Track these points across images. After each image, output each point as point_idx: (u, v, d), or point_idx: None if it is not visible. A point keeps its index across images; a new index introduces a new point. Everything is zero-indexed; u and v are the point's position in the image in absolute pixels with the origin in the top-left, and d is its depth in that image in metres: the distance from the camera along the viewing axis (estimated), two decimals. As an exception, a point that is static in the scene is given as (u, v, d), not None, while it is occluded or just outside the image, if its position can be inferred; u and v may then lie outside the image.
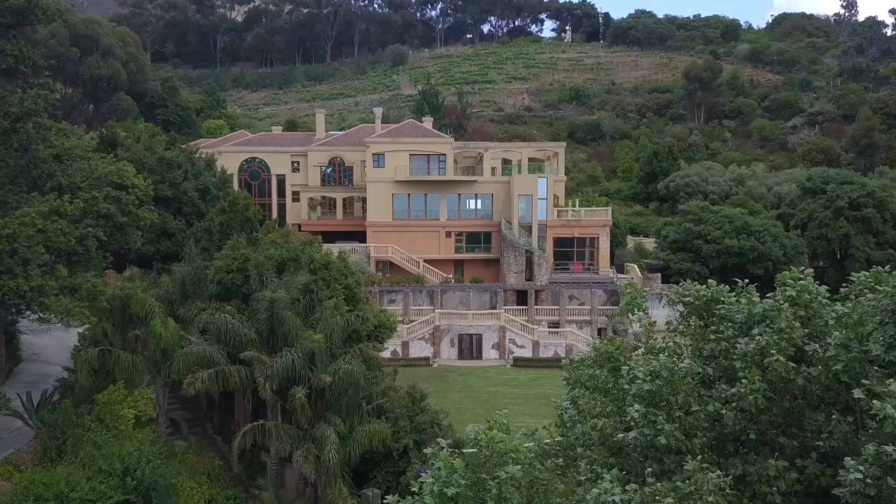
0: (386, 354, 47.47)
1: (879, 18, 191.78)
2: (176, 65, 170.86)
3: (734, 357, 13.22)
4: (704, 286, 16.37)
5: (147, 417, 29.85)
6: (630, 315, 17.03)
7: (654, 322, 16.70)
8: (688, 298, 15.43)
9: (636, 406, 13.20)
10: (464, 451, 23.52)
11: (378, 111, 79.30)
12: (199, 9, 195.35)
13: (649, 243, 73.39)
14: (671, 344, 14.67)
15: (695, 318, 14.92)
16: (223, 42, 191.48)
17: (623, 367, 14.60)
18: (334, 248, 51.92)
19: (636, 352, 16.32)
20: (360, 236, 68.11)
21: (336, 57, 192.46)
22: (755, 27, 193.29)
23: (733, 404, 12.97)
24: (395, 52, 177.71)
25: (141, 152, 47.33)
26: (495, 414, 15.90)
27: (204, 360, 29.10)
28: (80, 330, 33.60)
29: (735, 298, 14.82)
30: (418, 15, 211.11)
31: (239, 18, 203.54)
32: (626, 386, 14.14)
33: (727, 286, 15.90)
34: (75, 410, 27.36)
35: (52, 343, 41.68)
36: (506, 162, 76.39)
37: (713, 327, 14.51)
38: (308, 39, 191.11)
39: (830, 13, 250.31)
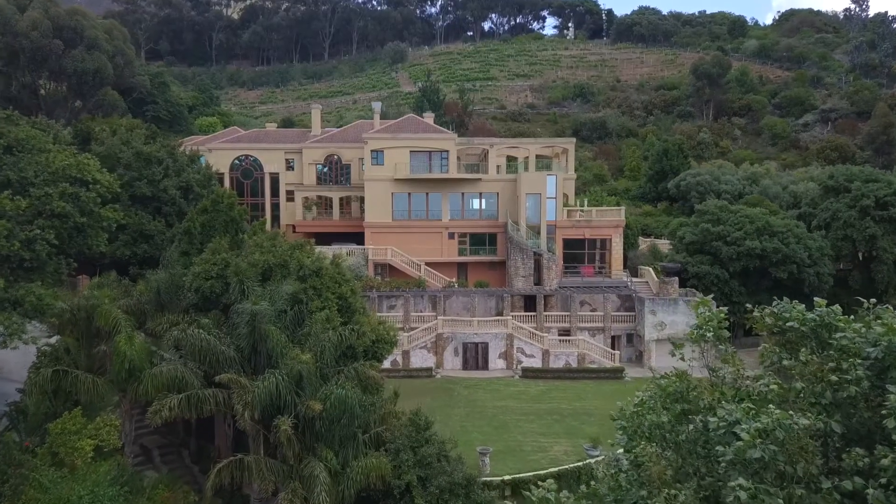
0: (385, 365, 43.65)
1: (891, 14, 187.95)
2: (171, 63, 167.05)
3: (883, 411, 9.37)
4: (801, 305, 12.52)
5: (111, 447, 25.92)
6: (701, 342, 13.08)
7: (736, 352, 12.83)
8: (791, 324, 11.56)
9: (741, 481, 9.31)
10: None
11: (377, 106, 75.43)
12: (194, 6, 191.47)
13: (663, 245, 69.49)
14: (773, 387, 10.76)
15: (805, 351, 11.04)
16: (219, 40, 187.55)
17: (710, 420, 10.71)
18: (328, 252, 48.08)
19: (713, 391, 12.43)
20: (358, 238, 64.44)
21: (334, 55, 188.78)
22: (761, 24, 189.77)
23: (882, 480, 9.12)
24: (395, 49, 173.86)
25: (116, 146, 43.23)
26: (539, 490, 11.83)
27: (175, 381, 25.20)
28: (39, 344, 29.70)
29: (861, 325, 10.97)
30: (418, 12, 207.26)
31: (235, 16, 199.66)
32: (718, 447, 10.25)
33: (839, 307, 12.05)
34: (19, 445, 23.42)
35: (16, 356, 37.61)
36: (510, 160, 72.54)
37: (832, 364, 10.65)
38: (305, 37, 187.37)
39: (836, 9, 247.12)
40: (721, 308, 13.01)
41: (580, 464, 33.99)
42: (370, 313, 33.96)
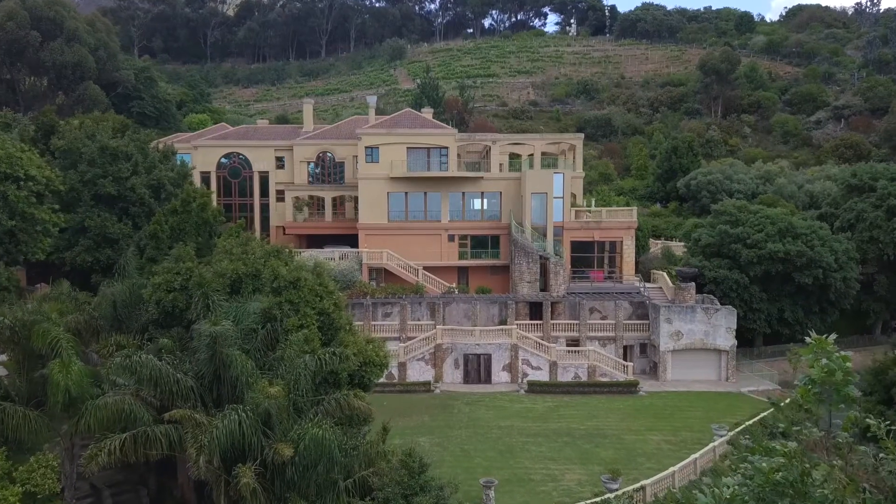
0: (380, 378, 39.63)
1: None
2: (165, 60, 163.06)
3: None
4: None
5: (48, 492, 21.88)
6: (815, 404, 8.94)
7: (888, 426, 8.75)
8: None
9: None
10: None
11: (372, 100, 71.29)
12: (188, 2, 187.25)
13: (677, 247, 65.40)
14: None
15: None
16: (214, 37, 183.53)
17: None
18: (318, 256, 43.97)
19: (852, 488, 8.36)
20: (352, 240, 60.43)
21: (331, 52, 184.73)
22: (768, 20, 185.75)
23: None
24: (393, 46, 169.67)
25: (79, 140, 39.03)
26: None
27: (122, 415, 21.17)
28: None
29: None
30: (417, 9, 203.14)
31: (230, 12, 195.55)
32: None
33: None
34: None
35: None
36: (513, 157, 68.47)
37: None
38: (302, 34, 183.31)
39: (845, 4, 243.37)
40: (835, 348, 8.91)
41: (598, 500, 29.87)
42: (357, 331, 29.79)
